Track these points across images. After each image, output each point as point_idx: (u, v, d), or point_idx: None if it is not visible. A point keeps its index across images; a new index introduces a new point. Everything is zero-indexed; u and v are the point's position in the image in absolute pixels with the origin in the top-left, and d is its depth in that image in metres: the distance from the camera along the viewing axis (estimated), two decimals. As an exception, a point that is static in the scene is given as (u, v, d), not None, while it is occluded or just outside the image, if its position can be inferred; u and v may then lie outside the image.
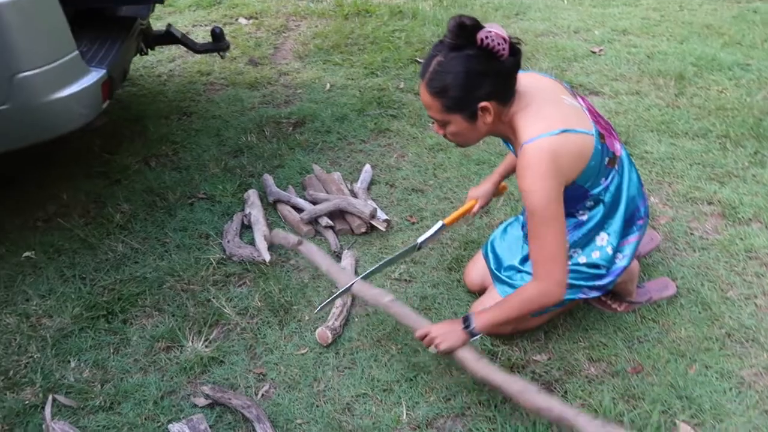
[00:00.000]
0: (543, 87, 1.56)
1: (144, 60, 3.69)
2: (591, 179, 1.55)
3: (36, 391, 1.70)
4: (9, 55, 1.69)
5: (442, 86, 1.45)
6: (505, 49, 1.40)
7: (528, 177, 1.44)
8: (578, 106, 1.56)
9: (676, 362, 1.73)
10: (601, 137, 1.53)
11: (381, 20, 4.16)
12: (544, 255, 1.49)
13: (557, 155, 1.44)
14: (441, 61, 1.44)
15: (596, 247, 1.69)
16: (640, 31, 3.93)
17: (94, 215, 2.39)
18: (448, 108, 1.49)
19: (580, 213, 1.67)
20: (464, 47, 1.41)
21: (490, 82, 1.44)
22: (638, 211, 1.70)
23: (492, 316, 1.59)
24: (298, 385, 1.71)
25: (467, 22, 1.39)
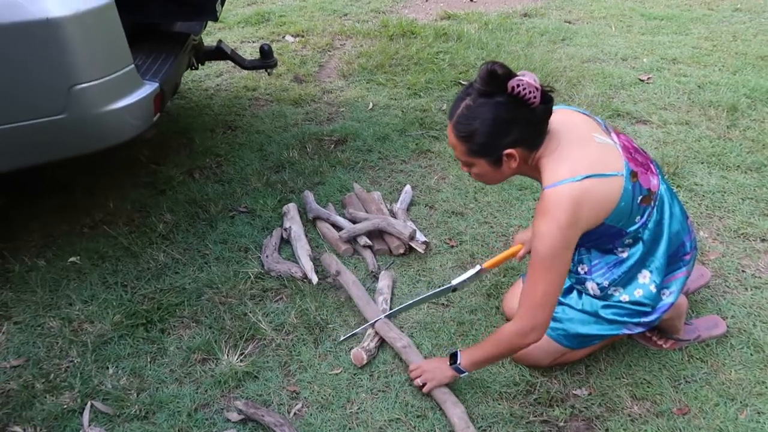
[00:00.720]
0: (573, 126, 1.52)
1: (192, 74, 3.78)
2: (623, 219, 1.51)
3: (74, 396, 1.72)
4: (68, 67, 1.74)
5: (469, 131, 1.44)
6: (537, 97, 1.37)
7: (543, 222, 1.42)
8: (611, 144, 1.51)
9: (725, 406, 1.65)
10: (632, 176, 1.48)
11: (426, 42, 4.18)
12: (532, 298, 1.47)
13: (578, 203, 1.41)
14: (470, 105, 1.43)
15: (638, 285, 1.63)
16: (691, 60, 3.84)
17: (138, 224, 2.44)
18: (474, 152, 1.48)
19: (619, 250, 1.62)
20: (494, 94, 1.39)
21: (518, 130, 1.43)
22: (683, 246, 1.64)
23: (475, 354, 1.61)
24: (330, 406, 1.70)
25: (499, 70, 1.36)
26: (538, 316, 1.48)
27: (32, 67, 1.71)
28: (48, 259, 2.24)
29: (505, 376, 1.76)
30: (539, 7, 4.90)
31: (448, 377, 1.66)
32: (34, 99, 1.75)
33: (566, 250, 1.44)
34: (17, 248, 2.29)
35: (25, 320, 1.98)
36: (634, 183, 1.48)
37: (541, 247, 1.43)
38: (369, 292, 2.08)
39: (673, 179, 2.62)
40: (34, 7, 1.65)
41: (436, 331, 1.93)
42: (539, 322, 1.48)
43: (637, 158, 1.54)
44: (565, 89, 3.47)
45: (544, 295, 1.46)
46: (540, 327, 1.49)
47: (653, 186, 1.54)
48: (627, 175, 1.47)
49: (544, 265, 1.44)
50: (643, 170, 1.53)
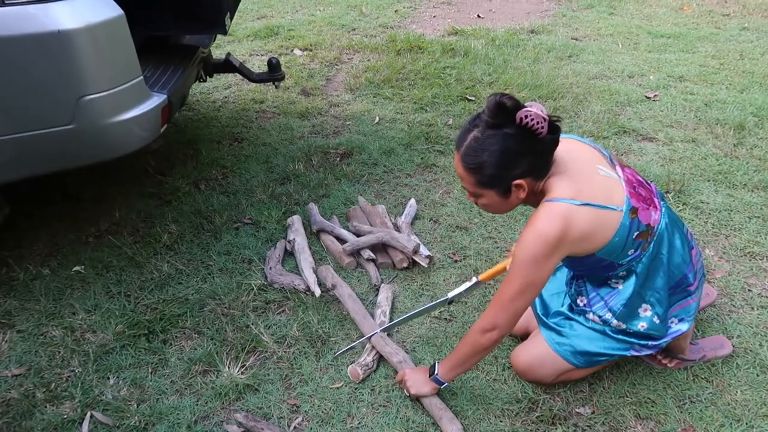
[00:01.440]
0: (579, 157, 1.52)
1: (201, 86, 3.82)
2: (615, 253, 1.50)
3: (75, 406, 1.72)
4: (77, 78, 1.76)
5: (478, 163, 1.44)
6: (544, 128, 1.37)
7: (530, 231, 1.42)
8: (615, 178, 1.51)
9: (731, 427, 1.63)
10: (632, 212, 1.47)
11: (433, 57, 4.20)
12: (500, 299, 1.49)
13: (569, 225, 1.40)
14: (478, 137, 1.42)
15: (641, 319, 1.62)
16: (698, 78, 3.85)
17: (143, 234, 2.44)
18: (482, 184, 1.48)
19: (613, 282, 1.62)
20: (503, 126, 1.39)
21: (527, 161, 1.43)
22: (685, 278, 1.61)
23: (449, 362, 1.63)
24: (331, 420, 1.68)
25: (507, 102, 1.36)
26: (501, 317, 1.49)
27: (42, 78, 1.73)
28: (52, 268, 2.25)
29: (507, 392, 1.75)
30: (546, 24, 4.93)
31: (429, 389, 1.66)
32: (43, 109, 1.77)
33: (544, 263, 1.43)
34: (22, 256, 2.30)
35: (27, 329, 1.98)
36: (633, 219, 1.48)
37: (520, 253, 1.44)
38: (371, 306, 2.07)
39: (679, 197, 2.61)
40: (46, 19, 1.68)
41: (438, 346, 1.92)
42: (501, 323, 1.50)
43: (640, 193, 1.53)
44: (572, 106, 3.48)
45: (510, 299, 1.47)
46: (501, 328, 1.50)
47: (653, 221, 1.53)
48: (626, 211, 1.46)
49: (519, 271, 1.45)
50: (645, 206, 1.51)
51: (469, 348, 1.58)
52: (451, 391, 1.75)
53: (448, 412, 1.64)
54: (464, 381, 1.79)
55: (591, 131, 3.19)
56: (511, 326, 1.52)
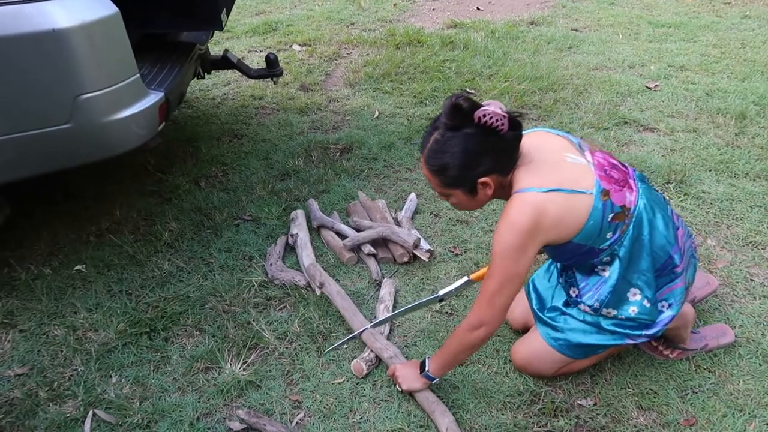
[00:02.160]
0: (545, 148, 1.52)
1: (200, 83, 3.81)
2: (592, 237, 1.50)
3: (78, 404, 1.72)
4: (74, 77, 1.76)
5: (440, 165, 1.45)
6: (504, 125, 1.38)
7: (503, 224, 1.43)
8: (583, 163, 1.51)
9: (733, 417, 1.63)
10: (603, 194, 1.47)
11: (432, 50, 4.19)
12: (483, 295, 1.49)
13: (541, 213, 1.41)
14: (438, 139, 1.44)
15: (631, 303, 1.61)
16: (699, 67, 3.82)
17: (143, 232, 2.45)
18: (447, 185, 1.49)
19: (599, 269, 1.61)
20: (462, 126, 1.40)
21: (490, 159, 1.43)
22: (671, 259, 1.60)
23: (439, 358, 1.63)
24: (333, 415, 1.69)
25: (463, 104, 1.37)
26: (486, 313, 1.49)
27: (38, 77, 1.72)
28: (54, 268, 2.25)
29: (509, 386, 1.75)
30: (546, 15, 4.90)
31: (420, 384, 1.66)
32: (40, 108, 1.77)
33: (521, 254, 1.43)
34: (23, 256, 2.31)
35: (30, 328, 1.99)
36: (605, 201, 1.47)
37: (497, 246, 1.44)
38: (373, 301, 2.07)
39: (681, 187, 2.60)
40: (40, 18, 1.67)
41: (439, 340, 1.91)
42: (487, 319, 1.50)
43: (612, 175, 1.52)
44: (572, 97, 3.46)
45: (492, 294, 1.47)
46: (487, 324, 1.50)
47: (628, 202, 1.52)
48: (597, 194, 1.46)
49: (497, 265, 1.45)
50: (618, 187, 1.51)
51: (457, 346, 1.58)
52: (453, 385, 1.75)
53: (441, 405, 1.64)
54: (465, 374, 1.79)
55: (591, 122, 3.18)
56: (499, 322, 1.52)
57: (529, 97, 3.49)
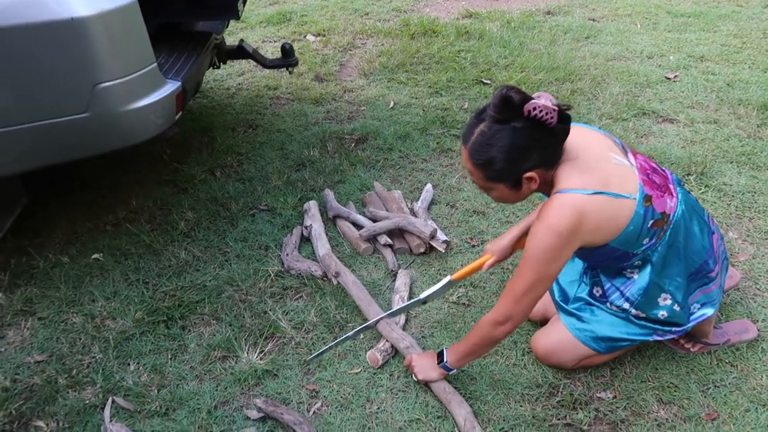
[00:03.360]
0: (590, 145, 1.47)
1: (215, 73, 3.81)
2: (630, 243, 1.47)
3: (96, 391, 1.73)
4: (91, 66, 1.75)
5: (486, 159, 1.40)
6: (554, 118, 1.32)
7: (542, 224, 1.39)
8: (627, 165, 1.47)
9: (756, 412, 1.60)
10: (646, 200, 1.43)
11: (447, 40, 4.15)
12: (512, 292, 1.46)
13: (582, 216, 1.37)
14: (485, 132, 1.38)
15: (660, 308, 1.59)
16: (719, 57, 3.76)
17: (160, 221, 2.45)
18: (492, 179, 1.45)
19: (628, 271, 1.59)
20: (510, 120, 1.35)
21: (537, 154, 1.39)
22: (705, 264, 1.58)
23: (458, 349, 1.61)
24: (350, 405, 1.68)
25: (514, 97, 1.31)
26: (514, 310, 1.47)
27: (56, 66, 1.72)
28: (72, 256, 2.26)
29: (527, 377, 1.73)
30: (563, 5, 4.84)
31: (437, 374, 1.65)
32: (58, 98, 1.77)
33: (557, 256, 1.40)
34: (42, 245, 2.32)
35: (48, 316, 2.00)
36: (647, 207, 1.44)
37: (532, 247, 1.41)
38: (389, 291, 2.06)
39: (701, 179, 2.56)
40: (58, 7, 1.66)
41: (456, 331, 1.90)
42: (514, 316, 1.48)
43: (654, 180, 1.48)
44: (590, 88, 3.42)
45: (523, 293, 1.44)
46: (514, 320, 1.48)
47: (668, 209, 1.48)
48: (640, 199, 1.42)
49: (531, 265, 1.42)
50: (660, 193, 1.47)
51: (480, 340, 1.56)
52: (470, 376, 1.74)
53: (457, 395, 1.63)
54: (483, 366, 1.77)
55: (610, 113, 3.13)
56: (525, 318, 1.50)
57: (546, 87, 3.45)
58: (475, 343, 1.58)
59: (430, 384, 1.68)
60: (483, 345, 1.58)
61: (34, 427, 1.64)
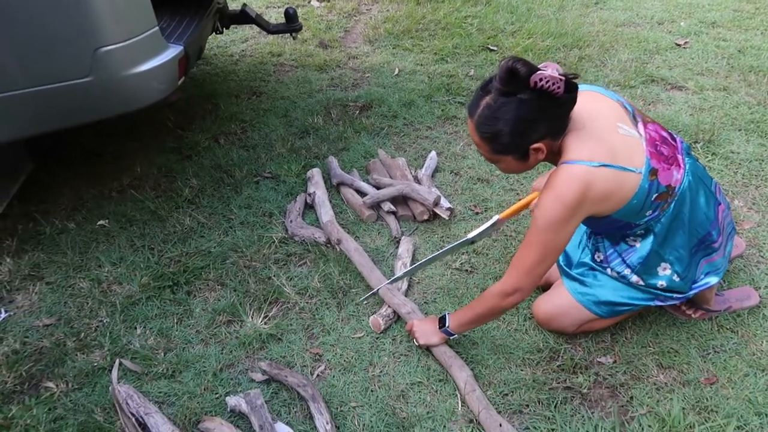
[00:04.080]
0: (599, 114, 1.45)
1: (218, 40, 3.77)
2: (632, 215, 1.47)
3: (104, 354, 1.76)
4: (93, 29, 1.74)
5: (493, 132, 1.38)
6: (561, 88, 1.30)
7: (549, 195, 1.39)
8: (635, 137, 1.45)
9: (755, 376, 1.62)
10: (652, 174, 1.42)
11: (453, 6, 4.08)
12: (521, 263, 1.46)
13: (588, 188, 1.36)
14: (491, 104, 1.36)
15: (660, 277, 1.60)
16: (731, 24, 3.68)
17: (164, 188, 2.46)
18: (499, 152, 1.44)
19: (630, 239, 1.59)
20: (516, 92, 1.33)
21: (544, 125, 1.37)
22: (709, 235, 1.57)
23: (462, 316, 1.62)
24: (353, 368, 1.71)
25: (520, 69, 1.29)
26: (523, 281, 1.48)
27: (57, 31, 1.71)
28: (78, 222, 2.28)
29: (528, 342, 1.75)
30: (572, -30, 4.73)
31: (438, 339, 1.67)
32: (60, 62, 1.76)
33: (564, 226, 1.40)
34: (48, 211, 2.34)
35: (56, 281, 2.03)
36: (652, 181, 1.43)
37: (540, 217, 1.41)
38: (392, 258, 2.07)
39: (708, 147, 2.53)
40: (58, -30, 1.65)
41: (459, 297, 1.92)
42: (523, 286, 1.48)
43: (662, 152, 1.47)
44: (598, 54, 3.36)
45: (532, 264, 1.45)
46: (523, 291, 1.49)
47: (674, 181, 1.47)
48: (646, 173, 1.42)
49: (539, 236, 1.42)
50: (666, 166, 1.46)
51: (487, 310, 1.57)
52: (472, 341, 1.76)
53: (458, 359, 1.65)
54: (485, 331, 1.79)
55: (618, 80, 3.09)
56: (534, 288, 1.51)
57: (553, 54, 3.40)
58: (481, 312, 1.59)
59: (431, 348, 1.70)
60: (489, 315, 1.59)
61: (44, 388, 1.67)
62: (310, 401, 1.56)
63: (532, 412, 1.57)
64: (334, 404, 1.61)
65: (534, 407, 1.58)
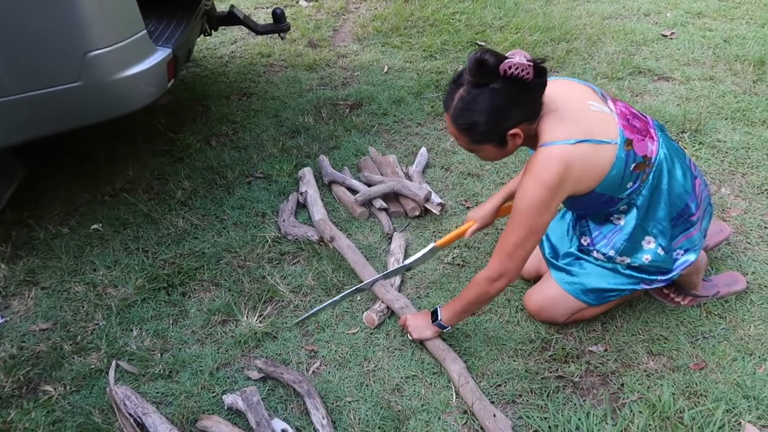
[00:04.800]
0: (569, 95, 1.50)
1: (207, 41, 3.78)
2: (614, 187, 1.50)
3: (101, 356, 1.78)
4: (81, 33, 1.75)
5: (469, 123, 1.42)
6: (530, 73, 1.34)
7: (529, 178, 1.42)
8: (606, 112, 1.49)
9: (743, 361, 1.65)
10: (627, 144, 1.46)
11: (441, 2, 4.10)
12: (505, 247, 1.49)
13: (568, 166, 1.40)
14: (464, 97, 1.40)
15: (645, 251, 1.62)
16: (717, 14, 3.71)
17: (157, 191, 2.47)
18: (477, 141, 1.47)
19: (615, 218, 1.62)
20: (488, 83, 1.36)
21: (518, 111, 1.41)
22: (687, 208, 1.60)
23: (452, 308, 1.65)
24: (348, 364, 1.73)
25: (489, 60, 1.33)
26: (507, 265, 1.50)
27: (46, 35, 1.72)
28: (71, 227, 2.29)
29: (520, 333, 1.77)
30: (559, -37, 4.75)
31: (431, 332, 1.70)
32: (49, 67, 1.77)
33: (546, 208, 1.43)
34: (41, 216, 2.35)
35: (51, 285, 2.04)
36: (628, 151, 1.46)
37: (521, 200, 1.44)
38: (384, 254, 2.09)
39: (695, 136, 2.56)
40: (45, -25, 1.66)
41: (451, 291, 1.94)
42: (507, 270, 1.51)
43: (634, 125, 1.51)
44: (585, 47, 3.39)
45: (515, 247, 1.48)
46: (508, 275, 1.51)
47: (650, 152, 1.51)
48: (621, 143, 1.45)
49: (521, 219, 1.45)
50: (640, 137, 1.50)
51: (474, 297, 1.60)
52: (465, 333, 1.78)
53: (451, 352, 1.67)
54: (478, 323, 1.81)
55: (605, 72, 3.12)
56: (518, 272, 1.54)
57: (542, 48, 3.42)
58: (470, 300, 1.61)
59: (424, 342, 1.72)
60: (477, 302, 1.62)
61: (42, 392, 1.69)
62: (306, 397, 1.58)
63: (525, 401, 1.59)
64: (330, 399, 1.63)
65: (527, 397, 1.60)
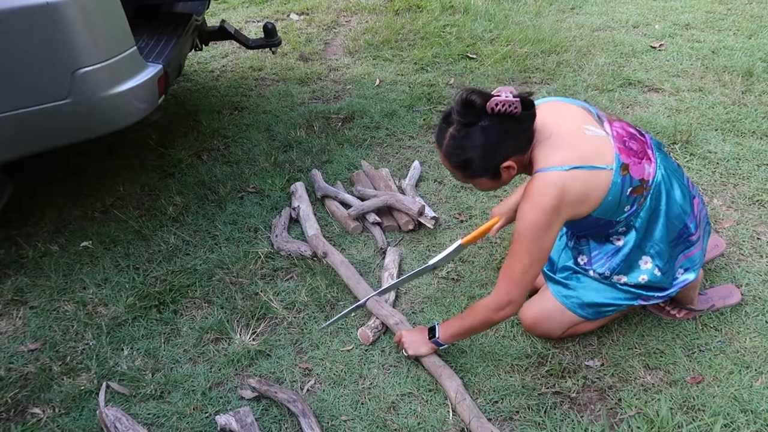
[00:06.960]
0: (563, 120, 1.51)
1: (198, 56, 3.77)
2: (611, 211, 1.50)
3: (91, 377, 1.75)
4: (70, 51, 1.74)
5: (463, 160, 1.45)
6: (518, 108, 1.37)
7: (527, 204, 1.43)
8: (603, 136, 1.49)
9: (740, 374, 1.64)
10: (623, 169, 1.46)
11: (432, 15, 4.12)
12: (510, 274, 1.49)
13: (563, 191, 1.41)
14: (455, 135, 1.43)
15: (642, 272, 1.63)
16: (705, 25, 3.75)
17: (148, 207, 2.45)
18: (471, 176, 1.51)
19: (614, 239, 1.62)
20: (477, 121, 1.39)
21: (510, 145, 1.43)
22: (686, 228, 1.60)
23: (453, 327, 1.64)
24: (343, 382, 1.71)
25: (476, 100, 1.36)
26: (514, 292, 1.50)
27: (35, 53, 1.70)
28: (61, 244, 2.26)
29: (516, 348, 1.76)
30: (548, -24, 4.79)
31: (427, 349, 1.68)
32: (39, 84, 1.75)
33: (546, 233, 1.44)
34: (30, 234, 2.32)
35: (40, 305, 2.01)
36: (624, 176, 1.46)
37: (522, 227, 1.45)
38: (378, 269, 2.08)
39: (686, 147, 2.57)
40: (33, -9, 1.64)
41: (446, 306, 1.92)
42: (514, 298, 1.51)
43: (631, 147, 1.51)
44: (575, 59, 3.41)
45: (521, 274, 1.48)
46: (515, 302, 1.51)
47: (647, 175, 1.51)
48: (617, 168, 1.45)
49: (523, 244, 1.45)
50: (637, 160, 1.50)
51: (479, 322, 1.59)
52: (461, 349, 1.77)
53: (447, 368, 1.66)
54: (473, 339, 1.80)
55: (595, 84, 3.13)
56: (524, 298, 1.53)
57: (532, 60, 3.44)
58: (472, 325, 1.60)
59: (420, 359, 1.71)
60: (480, 327, 1.61)
61: (30, 414, 1.65)
62: (301, 417, 1.56)
63: (523, 418, 1.58)
64: (325, 419, 1.60)
65: (524, 413, 1.59)
